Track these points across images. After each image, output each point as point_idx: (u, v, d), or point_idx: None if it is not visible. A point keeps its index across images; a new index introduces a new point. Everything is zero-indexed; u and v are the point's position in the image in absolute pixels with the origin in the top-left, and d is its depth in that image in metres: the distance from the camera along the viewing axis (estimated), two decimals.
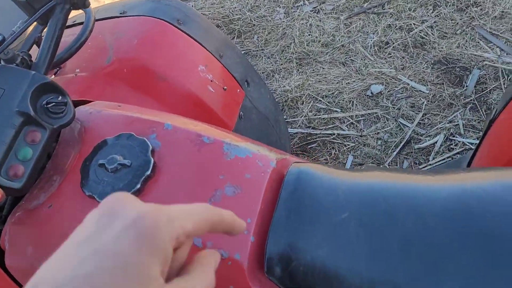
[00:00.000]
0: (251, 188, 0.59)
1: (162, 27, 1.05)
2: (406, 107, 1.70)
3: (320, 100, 1.79)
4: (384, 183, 0.59)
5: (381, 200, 0.57)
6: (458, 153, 1.56)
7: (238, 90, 1.17)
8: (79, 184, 0.61)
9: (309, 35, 2.01)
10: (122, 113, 0.69)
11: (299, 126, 1.75)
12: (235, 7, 2.19)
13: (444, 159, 1.55)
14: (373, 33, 1.94)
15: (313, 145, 1.69)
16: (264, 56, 1.99)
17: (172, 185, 0.59)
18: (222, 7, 2.22)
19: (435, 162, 1.55)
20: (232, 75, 1.15)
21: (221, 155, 0.61)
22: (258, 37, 2.07)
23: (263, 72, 1.92)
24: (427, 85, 1.73)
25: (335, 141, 1.68)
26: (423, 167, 1.55)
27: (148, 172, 0.59)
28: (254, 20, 2.12)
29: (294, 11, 2.12)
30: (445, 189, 0.56)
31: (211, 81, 1.08)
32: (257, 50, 2.03)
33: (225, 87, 1.11)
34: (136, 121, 0.67)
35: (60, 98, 0.62)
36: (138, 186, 0.58)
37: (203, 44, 1.10)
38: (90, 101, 0.76)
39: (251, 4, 2.19)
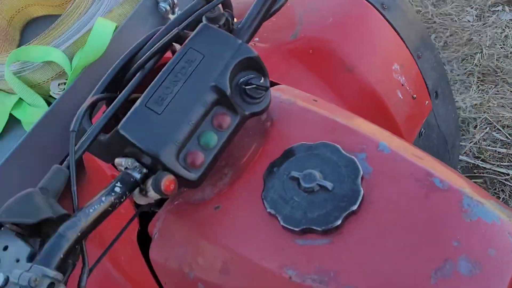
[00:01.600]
0: (496, 272, 0.40)
1: (363, 9, 0.87)
2: None
3: (498, 129, 1.48)
4: None
5: None
6: None
7: (427, 102, 0.96)
8: (260, 193, 0.48)
9: (501, 48, 1.67)
10: (323, 113, 0.54)
11: (465, 153, 1.47)
12: None
13: None
14: None
15: (477, 181, 1.41)
16: None
17: (383, 233, 0.43)
18: None
19: None
20: (425, 83, 0.94)
21: (459, 211, 0.43)
22: (436, 36, 1.79)
23: None
24: None
25: (508, 183, 1.38)
26: None
27: (355, 207, 0.43)
28: (436, 17, 1.84)
29: (488, 16, 1.78)
30: None
31: (402, 85, 0.89)
32: None
33: (415, 96, 0.91)
34: (340, 130, 0.52)
35: (262, 80, 0.49)
36: (339, 222, 0.43)
37: (404, 39, 0.90)
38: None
39: None
